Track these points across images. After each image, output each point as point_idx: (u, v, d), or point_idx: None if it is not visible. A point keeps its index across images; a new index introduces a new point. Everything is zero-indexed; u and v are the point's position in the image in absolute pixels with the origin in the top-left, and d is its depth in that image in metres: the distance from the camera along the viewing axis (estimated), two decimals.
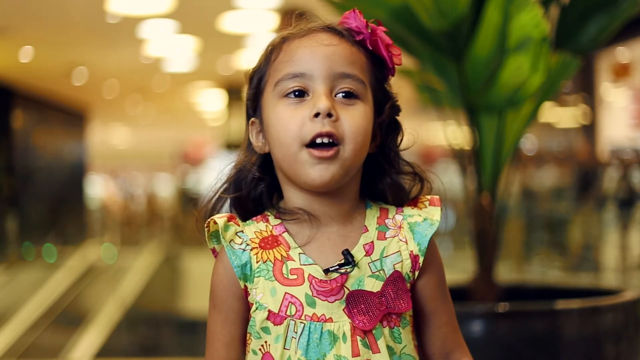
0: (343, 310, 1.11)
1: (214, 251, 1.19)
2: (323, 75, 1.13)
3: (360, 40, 1.18)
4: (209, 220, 1.16)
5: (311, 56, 1.14)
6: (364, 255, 1.14)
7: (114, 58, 10.85)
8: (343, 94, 1.13)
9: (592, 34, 2.42)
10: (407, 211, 1.20)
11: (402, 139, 1.22)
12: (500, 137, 2.36)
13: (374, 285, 1.13)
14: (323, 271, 1.12)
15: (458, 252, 8.39)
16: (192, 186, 16.16)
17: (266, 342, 1.13)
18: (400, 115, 1.23)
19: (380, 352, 1.11)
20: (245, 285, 1.14)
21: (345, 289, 1.12)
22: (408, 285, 1.16)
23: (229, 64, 11.08)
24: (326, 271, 1.12)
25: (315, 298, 1.11)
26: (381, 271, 1.14)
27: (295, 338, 1.11)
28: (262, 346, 1.13)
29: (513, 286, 2.61)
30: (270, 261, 1.14)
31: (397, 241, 1.17)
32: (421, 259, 1.17)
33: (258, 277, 1.14)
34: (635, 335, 2.26)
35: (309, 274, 1.12)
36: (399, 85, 1.24)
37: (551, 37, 2.29)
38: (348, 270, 1.12)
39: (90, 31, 9.28)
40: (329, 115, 1.11)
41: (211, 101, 14.88)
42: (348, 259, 1.12)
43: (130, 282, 9.28)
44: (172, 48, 10.09)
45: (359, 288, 1.12)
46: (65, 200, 15.17)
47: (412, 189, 1.22)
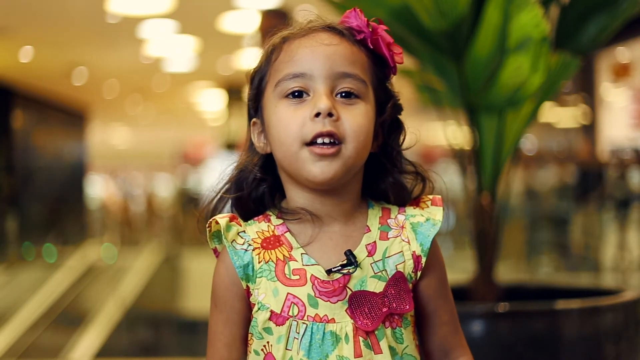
0: (345, 310, 1.11)
1: (215, 251, 1.19)
2: (323, 75, 1.12)
3: (361, 39, 1.17)
4: (211, 220, 1.16)
5: (311, 56, 1.13)
6: (367, 255, 1.14)
7: (114, 58, 10.85)
8: (344, 94, 1.13)
9: (592, 34, 2.42)
10: (409, 211, 1.19)
11: (405, 138, 1.22)
12: (500, 137, 2.36)
13: (377, 285, 1.12)
14: (325, 272, 1.11)
15: (458, 252, 8.38)
16: (192, 186, 16.15)
17: (268, 343, 1.12)
18: (401, 114, 1.22)
19: (382, 353, 1.11)
20: (247, 285, 1.14)
21: (347, 290, 1.11)
22: (410, 285, 1.15)
23: (229, 64, 11.08)
24: (329, 272, 1.11)
25: (317, 299, 1.11)
26: (384, 272, 1.14)
27: (297, 339, 1.10)
28: (264, 347, 1.13)
29: (513, 286, 2.61)
30: (272, 261, 1.13)
31: (400, 241, 1.16)
32: (424, 260, 1.16)
33: (260, 278, 1.13)
34: (635, 335, 2.26)
35: (312, 275, 1.12)
36: (399, 85, 1.23)
37: (551, 37, 2.29)
38: (350, 271, 1.12)
39: (90, 31, 9.28)
40: (330, 115, 1.10)
41: (211, 101, 14.88)
42: (350, 260, 1.11)
43: (130, 282, 9.27)
44: (172, 48, 10.09)
45: (362, 289, 1.12)
46: (65, 200, 15.17)
47: (414, 189, 1.22)
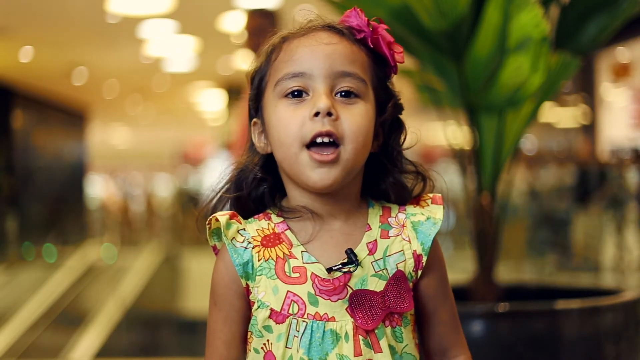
0: (346, 309, 1.11)
1: (215, 248, 1.18)
2: (323, 74, 1.12)
3: (361, 38, 1.17)
4: (211, 217, 1.15)
5: (311, 55, 1.13)
6: (367, 254, 1.14)
7: (114, 58, 10.85)
8: (343, 93, 1.12)
9: (592, 34, 2.42)
10: (410, 210, 1.19)
11: (405, 138, 1.21)
12: (500, 137, 2.36)
13: (377, 284, 1.12)
14: (326, 270, 1.11)
15: (458, 252, 8.38)
16: (192, 186, 16.15)
17: (268, 341, 1.12)
18: (402, 114, 1.22)
19: (382, 352, 1.10)
20: (246, 283, 1.14)
21: (348, 288, 1.11)
22: (410, 284, 1.15)
23: (229, 64, 11.08)
24: (329, 270, 1.11)
25: (318, 297, 1.11)
26: (384, 270, 1.13)
27: (297, 337, 1.10)
28: (264, 345, 1.12)
29: (513, 286, 2.61)
30: (272, 259, 1.13)
31: (400, 240, 1.16)
32: (424, 259, 1.16)
33: (260, 276, 1.13)
34: (635, 335, 2.26)
35: (312, 273, 1.12)
36: (400, 85, 1.23)
37: (551, 37, 2.29)
38: (351, 269, 1.11)
39: (90, 31, 9.28)
40: (329, 114, 1.10)
41: (211, 101, 14.88)
42: (351, 258, 1.11)
43: (130, 282, 9.27)
44: (172, 48, 10.09)
45: (362, 287, 1.11)
46: (65, 200, 15.18)
47: (414, 188, 1.22)
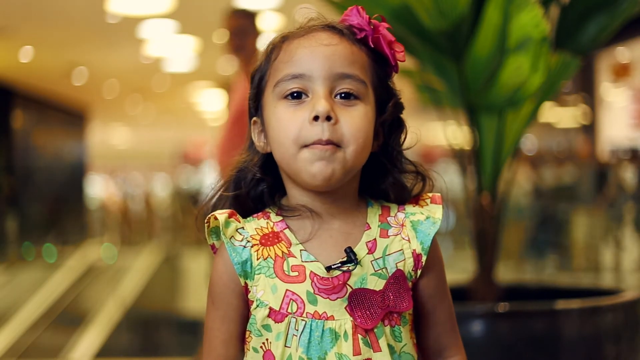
0: (345, 308, 1.10)
1: (213, 247, 1.18)
2: (323, 76, 1.11)
3: (361, 38, 1.16)
4: (210, 216, 1.15)
5: (311, 57, 1.12)
6: (367, 253, 1.13)
7: (114, 58, 10.85)
8: (343, 95, 1.12)
9: (592, 34, 2.42)
10: (409, 209, 1.19)
11: (406, 138, 1.21)
12: (500, 137, 2.36)
13: (377, 283, 1.12)
14: (325, 269, 1.11)
15: (458, 252, 8.38)
16: (192, 186, 16.15)
17: (267, 340, 1.12)
18: (402, 113, 1.21)
19: (381, 351, 1.10)
20: (245, 282, 1.13)
21: (347, 287, 1.11)
22: (410, 284, 1.15)
23: (229, 64, 11.07)
24: (328, 269, 1.11)
25: (316, 295, 1.10)
26: (384, 269, 1.13)
27: (296, 336, 1.10)
28: (263, 344, 1.12)
29: (513, 286, 2.62)
30: (271, 258, 1.13)
31: (400, 239, 1.16)
32: (424, 258, 1.16)
33: (259, 274, 1.13)
34: (635, 335, 2.26)
35: (311, 271, 1.11)
36: (400, 85, 1.23)
37: (551, 37, 2.29)
38: (350, 268, 1.11)
39: (90, 31, 9.28)
40: (328, 118, 1.10)
41: (211, 101, 14.88)
42: (351, 257, 1.11)
43: (130, 282, 9.27)
44: (172, 48, 10.09)
45: (362, 286, 1.11)
46: (65, 200, 15.18)
47: (414, 188, 1.21)
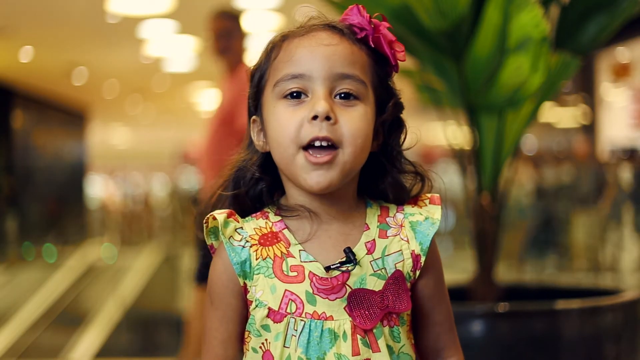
0: (344, 308, 1.10)
1: (212, 247, 1.17)
2: (322, 76, 1.11)
3: (362, 37, 1.16)
4: (208, 216, 1.15)
5: (310, 56, 1.12)
6: (366, 253, 1.13)
7: (114, 58, 10.85)
8: (343, 95, 1.12)
9: (592, 34, 2.42)
10: (408, 209, 1.18)
11: (406, 138, 1.20)
12: (500, 137, 2.36)
13: (376, 284, 1.12)
14: (324, 269, 1.11)
15: (458, 252, 8.38)
16: (192, 186, 16.14)
17: (266, 340, 1.12)
18: (402, 113, 1.21)
19: (380, 352, 1.10)
20: (244, 282, 1.13)
21: (346, 287, 1.11)
22: (408, 284, 1.15)
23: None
24: (327, 269, 1.10)
25: (315, 296, 1.10)
26: (383, 270, 1.13)
27: (295, 336, 1.10)
28: (263, 344, 1.12)
29: (513, 286, 2.61)
30: (270, 258, 1.12)
31: (399, 240, 1.16)
32: (423, 259, 1.15)
33: (258, 275, 1.12)
34: (635, 335, 2.26)
35: (310, 272, 1.11)
36: (400, 85, 1.23)
37: (551, 37, 2.29)
38: (350, 268, 1.11)
39: (90, 31, 9.28)
40: (328, 118, 1.09)
41: (211, 101, 14.87)
42: (350, 257, 1.10)
43: (130, 282, 9.26)
44: (172, 48, 10.09)
45: (361, 287, 1.11)
46: (65, 200, 15.19)
47: (413, 188, 1.21)
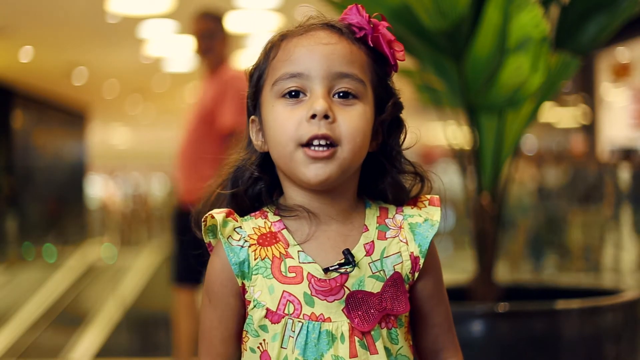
0: (342, 310, 1.10)
1: (210, 245, 1.17)
2: (321, 75, 1.11)
3: (361, 37, 1.15)
4: (207, 215, 1.14)
5: (309, 56, 1.12)
6: (365, 255, 1.13)
7: (114, 58, 10.85)
8: (341, 94, 1.11)
9: (592, 34, 2.42)
10: (407, 211, 1.18)
11: (405, 137, 1.20)
12: (500, 137, 2.36)
13: (374, 285, 1.12)
14: (323, 270, 1.10)
15: (458, 252, 8.38)
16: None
17: (264, 341, 1.11)
18: (401, 113, 1.20)
19: (378, 354, 1.10)
20: (242, 282, 1.13)
21: (345, 289, 1.10)
22: (407, 286, 1.15)
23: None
24: (326, 270, 1.10)
25: (314, 297, 1.10)
26: (381, 271, 1.13)
27: (292, 337, 1.09)
28: (261, 344, 1.12)
29: (513, 286, 2.61)
30: (268, 258, 1.12)
31: (398, 242, 1.15)
32: (421, 261, 1.15)
33: (256, 275, 1.12)
34: (635, 335, 2.25)
35: (308, 273, 1.11)
36: (400, 85, 1.22)
37: (551, 37, 2.29)
38: (348, 270, 1.11)
39: (90, 31, 9.28)
40: (326, 117, 1.09)
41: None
42: (348, 259, 1.10)
43: (130, 282, 9.26)
44: (172, 48, 10.08)
45: (360, 288, 1.11)
46: (65, 200, 15.19)
47: (412, 189, 1.20)
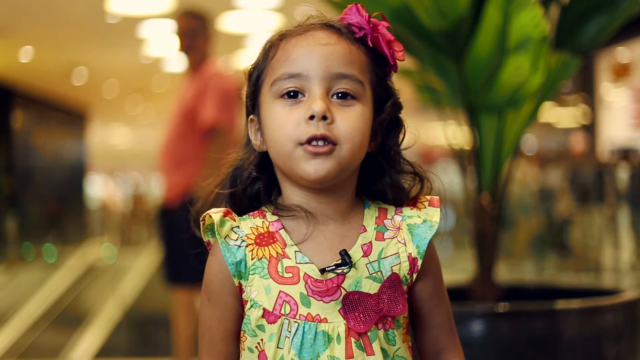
0: (338, 311, 1.09)
1: (209, 244, 1.17)
2: (319, 76, 1.10)
3: (360, 37, 1.15)
4: (205, 214, 1.14)
5: (308, 56, 1.11)
6: (362, 255, 1.12)
7: (114, 58, 10.85)
8: (340, 95, 1.11)
9: (592, 34, 2.42)
10: (406, 212, 1.17)
11: (404, 137, 1.20)
12: (500, 137, 2.36)
13: (371, 286, 1.11)
14: (319, 271, 1.10)
15: (458, 252, 8.39)
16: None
17: (262, 340, 1.11)
18: (401, 113, 1.20)
19: (374, 355, 1.09)
20: (239, 282, 1.13)
21: (341, 290, 1.10)
22: (405, 287, 1.14)
23: (229, 64, 11.07)
24: (322, 271, 1.10)
25: (310, 298, 1.10)
26: (379, 272, 1.12)
27: (289, 337, 1.09)
28: (259, 344, 1.12)
29: (513, 286, 2.61)
30: (265, 258, 1.12)
31: (396, 243, 1.15)
32: (419, 262, 1.15)
33: (253, 275, 1.12)
34: (635, 335, 2.25)
35: (305, 273, 1.10)
36: (399, 85, 1.22)
37: (551, 37, 2.29)
38: (345, 271, 1.10)
39: (90, 31, 9.28)
40: (324, 118, 1.09)
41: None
42: (345, 260, 1.10)
43: (130, 282, 9.27)
44: (172, 48, 10.08)
45: (357, 289, 1.10)
46: (65, 200, 15.19)
47: (412, 189, 1.20)
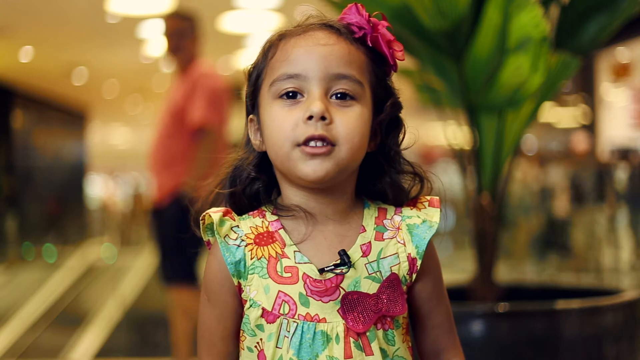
0: (337, 311, 1.09)
1: (209, 243, 1.17)
2: (318, 76, 1.10)
3: (360, 37, 1.15)
4: (204, 213, 1.14)
5: (307, 56, 1.11)
6: (361, 255, 1.12)
7: (114, 58, 10.85)
8: (339, 95, 1.11)
9: (592, 34, 2.42)
10: (406, 212, 1.17)
11: (404, 137, 1.19)
12: (500, 137, 2.36)
13: (370, 287, 1.11)
14: (318, 271, 1.10)
15: (458, 252, 8.39)
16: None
17: (261, 340, 1.11)
18: (401, 113, 1.20)
19: (373, 355, 1.09)
20: (238, 282, 1.13)
21: (340, 290, 1.10)
22: (404, 288, 1.14)
23: (229, 64, 11.07)
24: (321, 271, 1.10)
25: (309, 297, 1.10)
26: (378, 272, 1.12)
27: (287, 337, 1.09)
28: (258, 344, 1.12)
29: (513, 286, 2.61)
30: (264, 258, 1.12)
31: (395, 243, 1.14)
32: (419, 262, 1.14)
33: (252, 274, 1.12)
34: (635, 335, 2.25)
35: (304, 273, 1.11)
36: (399, 85, 1.22)
37: (551, 37, 2.29)
38: (344, 271, 1.10)
39: (90, 31, 9.28)
40: (323, 118, 1.09)
41: None
42: (344, 260, 1.10)
43: (130, 282, 9.27)
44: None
45: (355, 289, 1.10)
46: (65, 200, 15.19)
47: (412, 189, 1.20)
